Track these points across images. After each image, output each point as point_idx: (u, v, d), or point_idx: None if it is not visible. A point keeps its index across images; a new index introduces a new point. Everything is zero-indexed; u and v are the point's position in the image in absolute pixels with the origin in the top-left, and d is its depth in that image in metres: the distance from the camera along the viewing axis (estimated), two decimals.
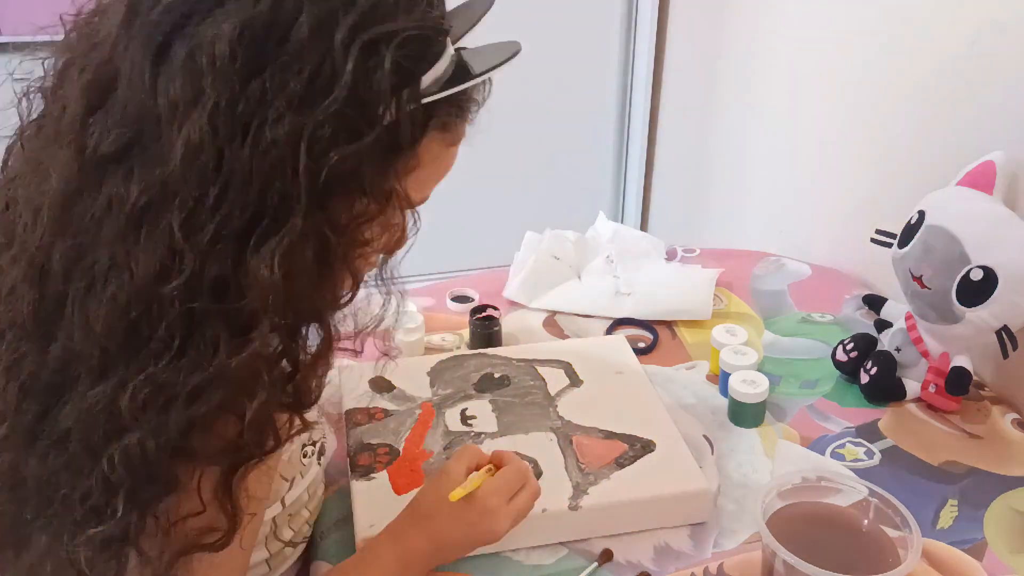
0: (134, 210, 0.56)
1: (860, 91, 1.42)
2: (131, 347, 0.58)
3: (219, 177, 0.55)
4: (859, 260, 1.43)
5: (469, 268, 2.20)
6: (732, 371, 1.08)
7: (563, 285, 1.35)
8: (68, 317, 0.59)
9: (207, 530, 0.63)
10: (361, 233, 0.61)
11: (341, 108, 0.55)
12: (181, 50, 0.55)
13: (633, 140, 2.30)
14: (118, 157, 0.57)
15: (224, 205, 0.55)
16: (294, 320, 0.60)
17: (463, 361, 1.13)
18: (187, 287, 0.56)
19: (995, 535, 0.92)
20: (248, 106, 0.55)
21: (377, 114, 0.57)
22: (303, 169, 0.55)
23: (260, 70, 0.55)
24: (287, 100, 0.54)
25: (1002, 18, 1.11)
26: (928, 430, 1.07)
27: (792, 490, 0.85)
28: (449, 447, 0.98)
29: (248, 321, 0.58)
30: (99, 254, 0.58)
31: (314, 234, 0.57)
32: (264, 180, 0.55)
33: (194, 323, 0.57)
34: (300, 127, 0.55)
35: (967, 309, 1.02)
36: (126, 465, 0.58)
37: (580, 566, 0.88)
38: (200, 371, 0.57)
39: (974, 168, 1.08)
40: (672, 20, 2.10)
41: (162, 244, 0.56)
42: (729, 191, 1.94)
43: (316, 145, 0.55)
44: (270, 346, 0.59)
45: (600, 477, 0.93)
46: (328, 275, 0.61)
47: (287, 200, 0.56)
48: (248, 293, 0.56)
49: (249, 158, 0.55)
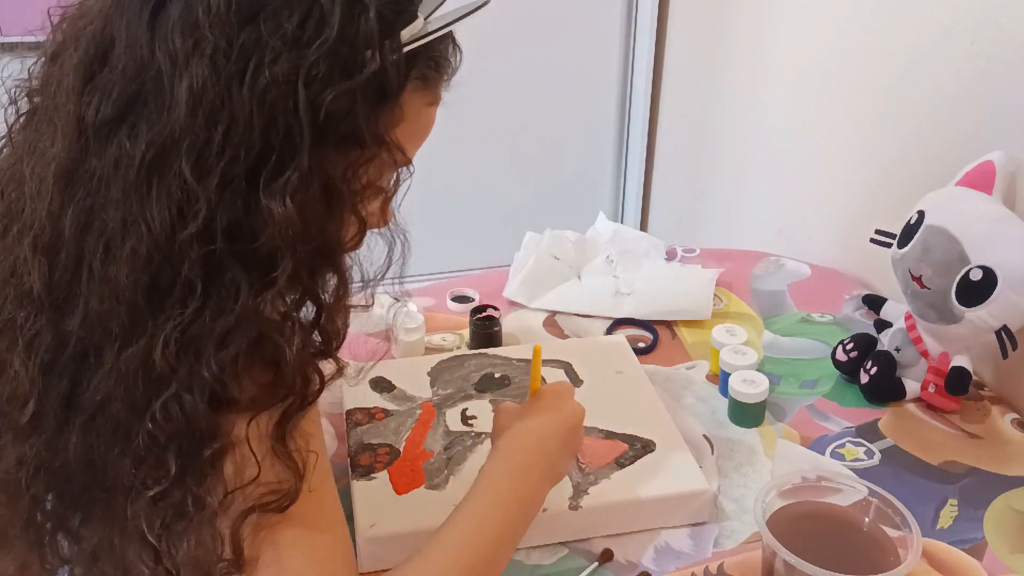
0: (143, 163, 0.58)
1: (860, 91, 1.42)
2: (156, 300, 0.59)
3: (223, 120, 0.57)
4: (859, 260, 1.43)
5: (469, 268, 2.20)
6: (732, 371, 1.09)
7: (563, 285, 1.35)
8: (87, 282, 0.60)
9: (270, 488, 0.63)
10: (359, 177, 0.63)
11: (333, 47, 0.58)
12: (176, 7, 0.58)
13: (633, 140, 2.30)
14: (121, 116, 0.59)
15: (231, 147, 0.57)
16: (311, 260, 0.61)
17: (463, 361, 1.13)
18: (203, 232, 0.58)
19: (995, 535, 0.92)
20: (245, 50, 0.57)
21: (365, 57, 0.60)
22: (303, 104, 0.57)
23: (254, 16, 0.58)
24: (282, 41, 0.57)
25: (1002, 18, 1.11)
26: (928, 430, 1.07)
27: (792, 490, 0.85)
28: (449, 447, 0.98)
29: (267, 262, 0.59)
30: (112, 213, 0.59)
31: (319, 172, 0.59)
32: (267, 118, 0.57)
33: (214, 268, 0.59)
34: (297, 65, 0.57)
35: (966, 309, 1.02)
36: (169, 420, 0.59)
37: (580, 566, 0.88)
38: (226, 315, 0.59)
39: (973, 168, 1.08)
40: (672, 20, 2.10)
41: (175, 192, 0.57)
42: (729, 191, 1.94)
43: (313, 82, 0.58)
44: (292, 288, 0.61)
45: (600, 477, 0.93)
46: (335, 216, 0.63)
47: (291, 137, 0.58)
48: (263, 232, 0.58)
49: (250, 98, 0.57)
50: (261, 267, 0.60)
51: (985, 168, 1.07)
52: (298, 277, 0.61)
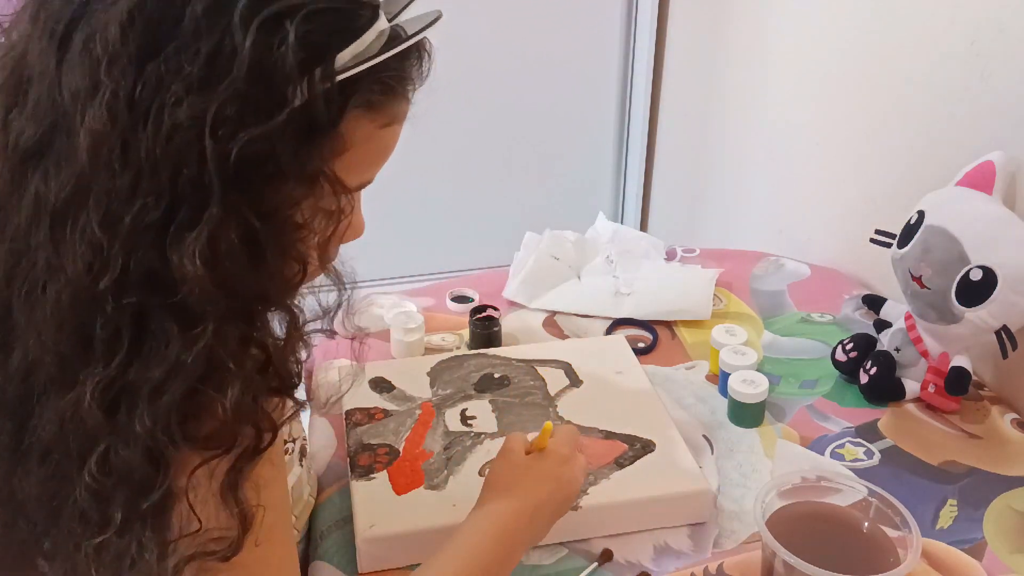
0: (56, 208, 0.55)
1: (859, 91, 1.42)
2: (83, 349, 0.56)
3: (127, 168, 0.53)
4: (858, 260, 1.43)
5: (469, 268, 2.20)
6: (732, 371, 1.09)
7: (563, 285, 1.35)
8: (20, 327, 0.57)
9: (216, 537, 0.61)
10: (292, 217, 0.58)
11: (243, 88, 0.53)
12: (79, 39, 0.54)
13: (633, 140, 2.30)
14: (38, 153, 0.56)
15: (138, 196, 0.53)
16: (243, 307, 0.58)
17: (463, 361, 1.13)
18: (120, 283, 0.54)
19: (995, 535, 0.92)
20: (146, 91, 0.53)
21: (285, 93, 0.54)
22: (210, 153, 0.53)
23: (155, 53, 0.53)
24: (184, 83, 0.52)
25: (1002, 18, 1.11)
26: (927, 430, 1.07)
27: (792, 490, 0.85)
28: (449, 447, 0.98)
29: (192, 313, 0.56)
30: (35, 256, 0.56)
31: (236, 220, 0.55)
32: (172, 167, 0.53)
33: (140, 318, 0.55)
34: (202, 109, 0.52)
35: (966, 309, 1.02)
36: (107, 472, 0.57)
37: (580, 566, 0.88)
38: (156, 366, 0.55)
39: (973, 168, 1.08)
40: (672, 20, 2.10)
41: (85, 241, 0.54)
42: (729, 191, 1.94)
43: (221, 127, 0.53)
44: (228, 336, 0.57)
45: (600, 477, 0.93)
46: (264, 262, 0.58)
47: (199, 187, 0.53)
48: (182, 286, 0.55)
49: (153, 145, 0.53)
50: (187, 318, 0.56)
51: (985, 168, 1.07)
52: (233, 326, 0.57)
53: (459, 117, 2.20)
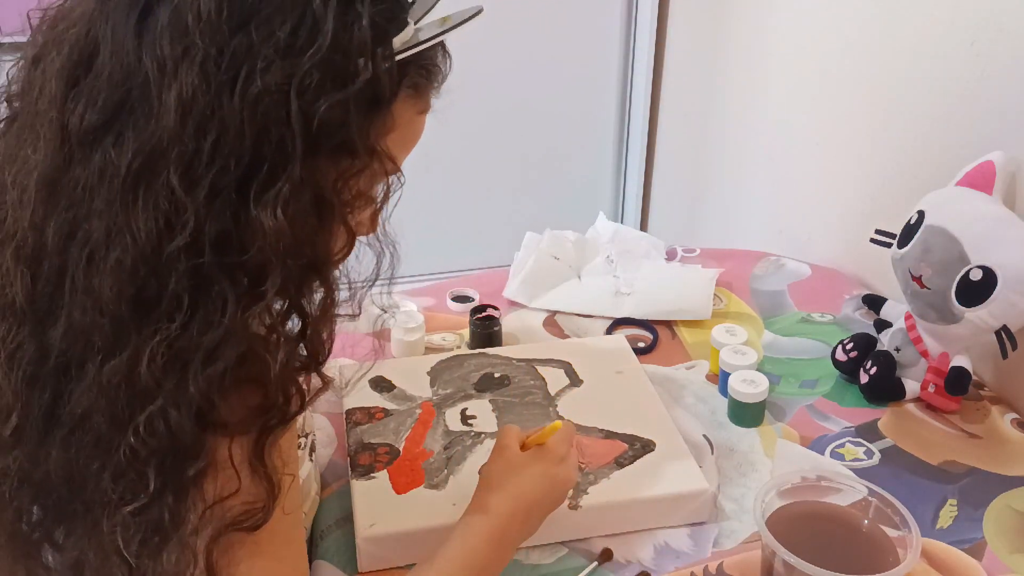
0: (129, 172, 0.56)
1: (860, 91, 1.42)
2: (141, 313, 0.57)
3: (213, 129, 0.56)
4: (859, 260, 1.43)
5: (469, 268, 2.20)
6: (732, 371, 1.09)
7: (563, 285, 1.35)
8: (69, 293, 0.59)
9: (246, 507, 0.62)
10: (348, 188, 0.62)
11: (327, 56, 0.57)
12: (164, 12, 0.56)
13: (633, 140, 2.30)
14: (106, 124, 0.58)
15: (220, 157, 0.56)
16: (300, 273, 0.60)
17: (463, 361, 1.13)
18: (191, 244, 0.56)
19: (994, 535, 0.92)
20: (236, 58, 0.56)
21: (358, 66, 0.58)
22: (295, 114, 0.56)
23: (245, 23, 0.56)
24: (274, 49, 0.56)
25: (1002, 18, 1.11)
26: (927, 430, 1.07)
27: (791, 489, 0.85)
28: (449, 447, 0.98)
29: (255, 275, 0.58)
30: (96, 223, 0.58)
31: (310, 183, 0.58)
32: (258, 128, 0.56)
33: (202, 281, 0.57)
34: (290, 74, 0.56)
35: (966, 309, 1.02)
36: (152, 435, 0.58)
37: (580, 565, 0.88)
38: (213, 329, 0.57)
39: (973, 168, 1.08)
40: (672, 20, 2.10)
41: (162, 202, 0.56)
42: (729, 191, 1.94)
43: (306, 91, 0.56)
44: (279, 301, 0.60)
45: (600, 477, 0.93)
46: (325, 228, 0.62)
47: (283, 148, 0.57)
48: (253, 244, 0.57)
49: (241, 107, 0.56)
50: (249, 280, 0.59)
51: (985, 168, 1.07)
52: (286, 290, 0.60)
53: (459, 117, 2.19)
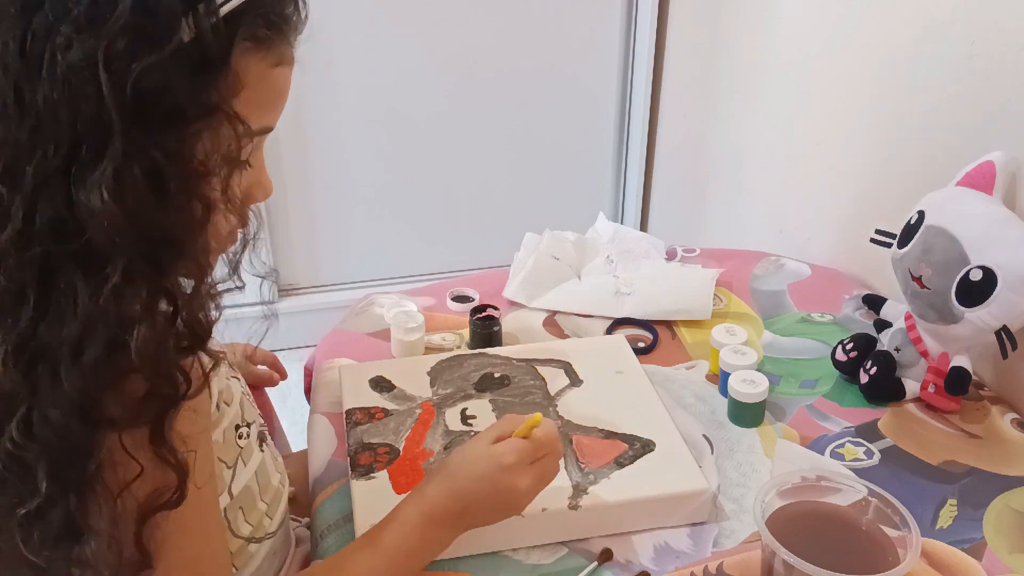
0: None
1: (860, 91, 1.42)
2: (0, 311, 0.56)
3: (25, 117, 0.55)
4: (859, 260, 1.43)
5: (469, 268, 2.20)
6: (732, 371, 1.09)
7: (563, 285, 1.35)
8: None
9: (158, 490, 0.62)
10: (193, 155, 0.59)
11: (131, 21, 0.55)
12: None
13: (633, 140, 2.30)
14: None
15: (39, 144, 0.55)
16: (149, 252, 0.58)
17: (463, 361, 1.13)
18: (24, 234, 0.55)
19: (994, 535, 0.92)
20: (36, 40, 0.55)
21: (174, 25, 0.56)
22: (107, 88, 0.54)
23: (39, 3, 0.55)
24: (73, 25, 0.54)
25: (1002, 18, 1.11)
26: (927, 430, 1.07)
27: (791, 489, 0.85)
28: (449, 446, 0.98)
29: (101, 259, 0.57)
30: None
31: (140, 156, 0.56)
32: (71, 109, 0.55)
33: (45, 271, 0.56)
34: (93, 47, 0.54)
35: (966, 309, 1.02)
36: (30, 438, 0.57)
37: (580, 565, 0.88)
38: (71, 321, 0.56)
39: (974, 168, 1.08)
40: (672, 20, 2.10)
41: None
42: (729, 191, 1.94)
43: (114, 62, 0.54)
44: (137, 284, 0.58)
45: (600, 476, 0.93)
46: (169, 201, 0.59)
47: (100, 124, 0.55)
48: (87, 228, 0.55)
49: (50, 90, 0.54)
50: (96, 265, 0.57)
51: (985, 168, 1.07)
52: (140, 272, 0.58)
53: (459, 117, 2.20)
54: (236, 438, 0.81)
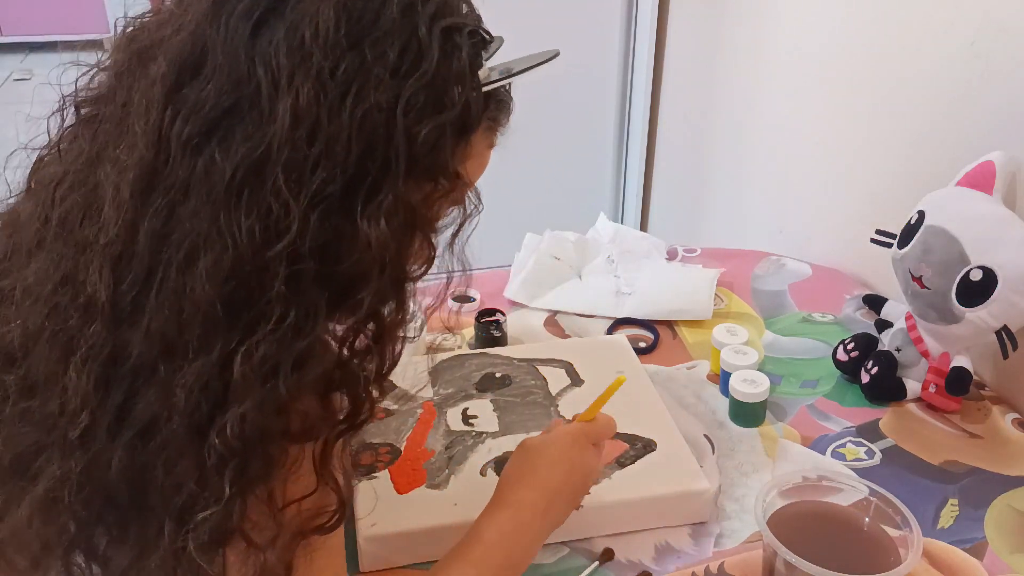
0: (235, 177, 0.57)
1: (860, 91, 1.42)
2: (233, 316, 0.58)
3: (321, 139, 0.58)
4: (859, 260, 1.43)
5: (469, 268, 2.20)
6: (733, 371, 1.09)
7: (564, 285, 1.35)
8: (156, 294, 0.58)
9: (318, 511, 0.63)
10: (432, 209, 0.65)
11: (431, 81, 0.60)
12: (281, 24, 0.59)
13: (633, 140, 2.30)
14: (211, 130, 0.59)
15: (326, 167, 0.58)
16: (389, 286, 0.62)
17: (464, 360, 1.13)
18: (293, 249, 0.57)
19: (995, 534, 0.92)
20: (349, 74, 0.58)
21: (456, 93, 0.62)
22: (400, 133, 0.59)
23: (359, 42, 0.59)
24: (384, 69, 0.59)
25: (1002, 18, 1.11)
26: (928, 430, 1.08)
27: (793, 489, 0.85)
28: (450, 446, 0.98)
29: (347, 286, 0.60)
30: (193, 226, 0.58)
31: (405, 200, 0.61)
32: (365, 142, 0.59)
33: (297, 288, 0.58)
34: (397, 94, 0.59)
35: (967, 309, 1.02)
36: (237, 438, 0.58)
37: (581, 565, 0.88)
38: (303, 336, 0.58)
39: (974, 168, 1.09)
40: (672, 20, 2.10)
41: (267, 206, 0.57)
42: (729, 191, 1.94)
43: (410, 112, 0.59)
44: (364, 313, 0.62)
45: (601, 476, 0.93)
46: (413, 243, 0.64)
47: (387, 163, 0.59)
48: (351, 255, 0.59)
49: (351, 121, 0.58)
50: (341, 290, 0.60)
51: (985, 168, 1.07)
52: (371, 303, 0.61)
53: None
54: None
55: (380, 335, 0.64)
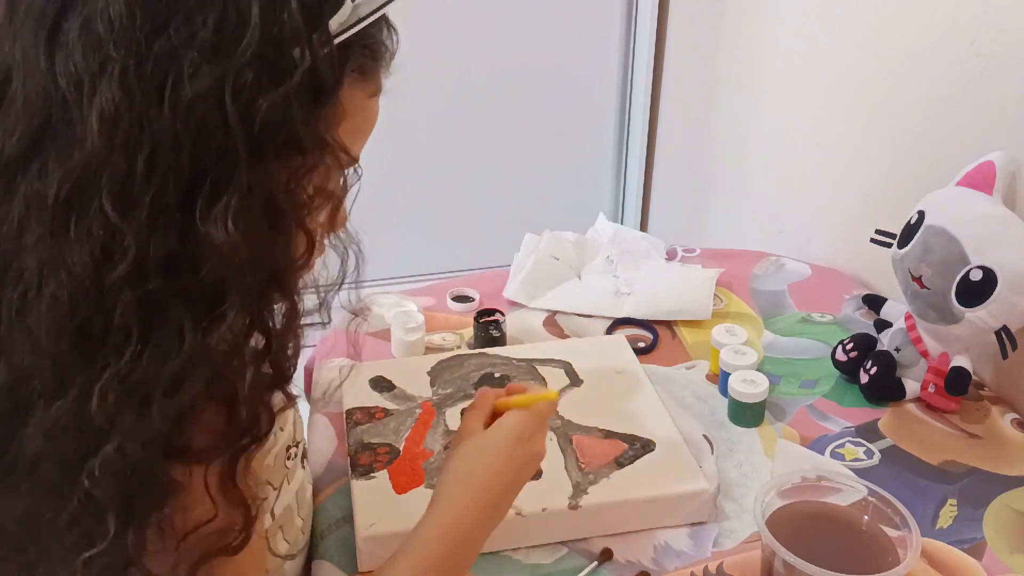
0: (58, 202, 0.52)
1: (860, 91, 1.42)
2: (86, 349, 0.54)
3: (145, 145, 0.52)
4: (859, 260, 1.43)
5: (469, 268, 2.20)
6: (732, 371, 1.09)
7: (563, 285, 1.35)
8: (7, 334, 0.55)
9: (223, 531, 0.60)
10: (303, 189, 0.58)
11: (257, 51, 0.52)
12: (74, 23, 0.52)
13: (633, 140, 2.30)
14: (28, 154, 0.54)
15: (157, 174, 0.52)
16: (259, 287, 0.57)
17: (463, 360, 1.13)
18: (135, 271, 0.53)
19: (994, 535, 0.92)
20: (160, 65, 0.51)
21: (294, 57, 0.54)
22: (233, 120, 0.52)
23: (163, 26, 0.52)
24: (199, 51, 0.52)
25: (1002, 18, 1.11)
26: (928, 430, 1.07)
27: (791, 489, 0.85)
28: (449, 446, 0.98)
29: (211, 295, 0.55)
30: (28, 259, 0.54)
31: (259, 190, 0.54)
32: (196, 139, 0.52)
33: (152, 308, 0.53)
34: (221, 77, 0.52)
35: (966, 309, 1.02)
36: (111, 476, 0.55)
37: (580, 565, 0.88)
38: (172, 358, 0.54)
39: (974, 168, 1.08)
40: (672, 20, 2.10)
41: (97, 230, 0.52)
42: (729, 191, 1.94)
43: (242, 93, 0.52)
44: (239, 320, 0.56)
45: (600, 476, 0.93)
46: (279, 236, 0.57)
47: (225, 156, 0.53)
48: (205, 263, 0.53)
49: (172, 119, 0.52)
50: (205, 301, 0.55)
51: (985, 168, 1.07)
52: (246, 307, 0.56)
53: (459, 117, 2.20)
54: (285, 460, 0.80)
55: (269, 338, 0.59)
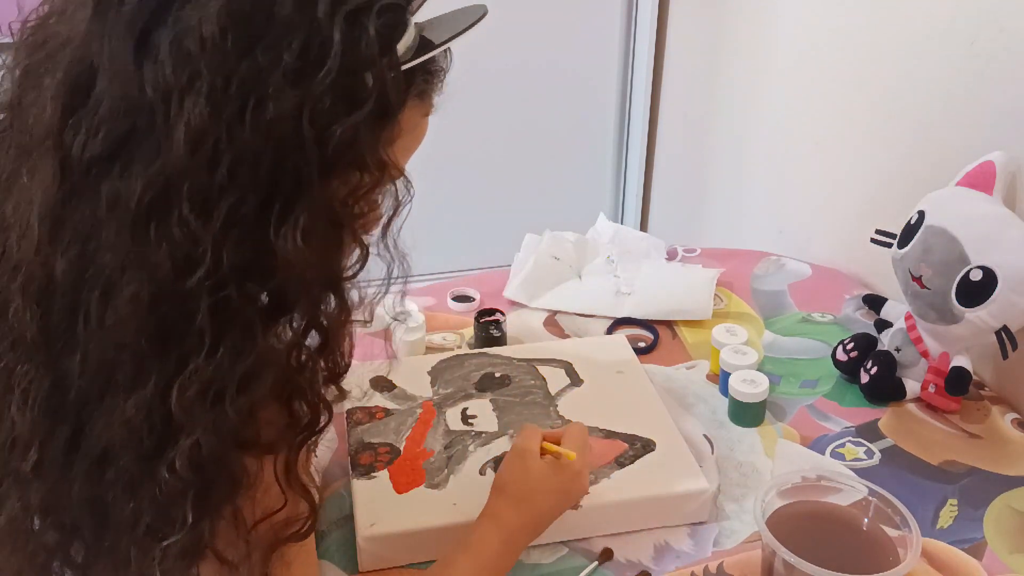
0: (140, 206, 0.54)
1: (860, 91, 1.42)
2: (162, 347, 0.56)
3: (225, 160, 0.54)
4: (859, 260, 1.43)
5: (469, 268, 2.20)
6: (732, 371, 1.09)
7: (563, 285, 1.35)
8: (84, 328, 0.57)
9: (290, 520, 0.63)
10: (360, 203, 0.61)
11: (336, 79, 0.55)
12: (165, 37, 0.54)
13: (633, 140, 2.30)
14: (111, 156, 0.55)
15: (235, 187, 0.55)
16: (320, 291, 0.61)
17: (464, 360, 1.13)
18: (212, 277, 0.55)
19: (995, 535, 0.92)
20: (245, 85, 0.54)
21: (369, 81, 0.57)
22: (309, 141, 0.55)
23: (251, 48, 0.54)
24: (283, 75, 0.54)
25: (1002, 18, 1.11)
26: (928, 430, 1.08)
27: (792, 489, 0.85)
28: (450, 446, 0.98)
29: (278, 299, 0.58)
30: (108, 258, 0.56)
31: (324, 206, 0.58)
32: (273, 157, 0.55)
33: (226, 312, 0.56)
34: (301, 100, 0.55)
35: (966, 309, 1.02)
36: (189, 467, 0.57)
37: (580, 565, 0.88)
38: (245, 358, 0.57)
39: (974, 168, 1.09)
40: (672, 20, 2.10)
41: (177, 235, 0.55)
42: (729, 191, 1.94)
43: (319, 117, 0.55)
44: (303, 322, 0.60)
45: (600, 476, 0.93)
46: (339, 247, 0.61)
47: (298, 174, 0.56)
48: (275, 272, 0.56)
49: (253, 136, 0.54)
50: (274, 306, 0.59)
51: (985, 168, 1.07)
52: (307, 311, 0.60)
53: (459, 118, 2.20)
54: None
55: (326, 338, 0.62)
